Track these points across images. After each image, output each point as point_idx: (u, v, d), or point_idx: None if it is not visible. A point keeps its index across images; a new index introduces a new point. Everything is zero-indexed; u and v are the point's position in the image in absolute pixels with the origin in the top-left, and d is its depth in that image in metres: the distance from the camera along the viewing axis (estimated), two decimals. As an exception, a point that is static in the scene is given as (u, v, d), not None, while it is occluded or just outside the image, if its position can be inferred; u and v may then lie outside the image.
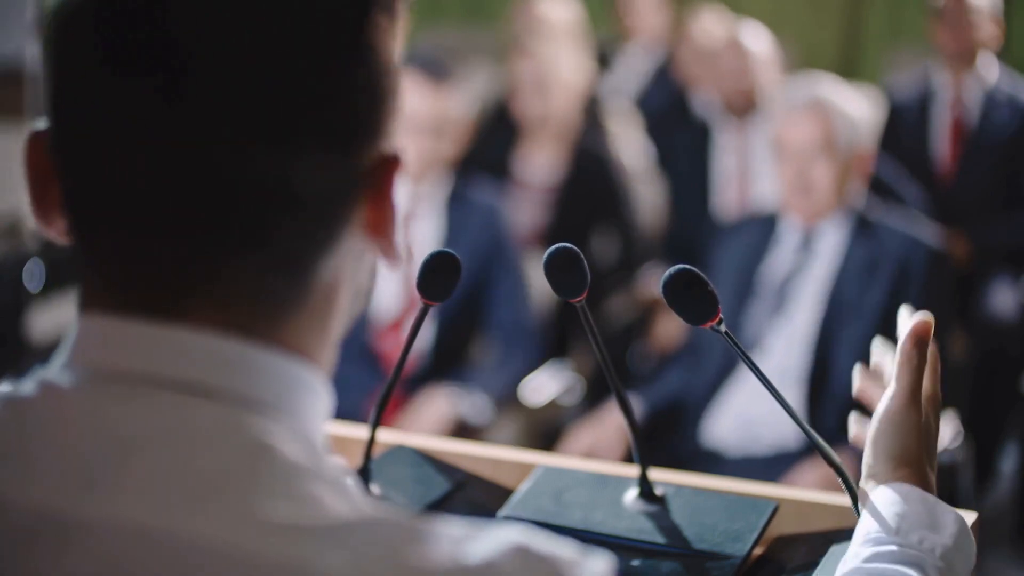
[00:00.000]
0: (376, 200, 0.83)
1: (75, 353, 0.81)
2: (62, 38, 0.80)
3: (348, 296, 0.86)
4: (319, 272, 0.82)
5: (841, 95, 3.16)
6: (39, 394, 0.80)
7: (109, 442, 0.76)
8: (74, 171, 0.81)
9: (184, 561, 0.73)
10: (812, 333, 3.07)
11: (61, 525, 0.75)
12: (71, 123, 0.81)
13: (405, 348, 1.34)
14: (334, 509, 0.75)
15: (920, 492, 1.15)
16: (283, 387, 0.81)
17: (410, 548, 0.74)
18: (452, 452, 1.52)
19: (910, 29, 6.25)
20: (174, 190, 0.78)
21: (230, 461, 0.76)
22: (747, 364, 1.24)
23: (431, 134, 3.26)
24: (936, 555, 1.11)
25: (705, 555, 1.29)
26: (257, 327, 0.80)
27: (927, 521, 1.13)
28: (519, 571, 0.74)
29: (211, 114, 0.77)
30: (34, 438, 0.78)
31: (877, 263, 3.05)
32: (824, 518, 1.35)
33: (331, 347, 0.86)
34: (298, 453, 0.78)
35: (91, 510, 0.75)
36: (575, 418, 3.63)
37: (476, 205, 3.38)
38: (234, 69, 0.77)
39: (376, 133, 0.83)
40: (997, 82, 4.28)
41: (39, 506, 0.76)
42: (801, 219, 3.13)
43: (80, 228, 0.82)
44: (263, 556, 0.72)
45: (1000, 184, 4.20)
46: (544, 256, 1.26)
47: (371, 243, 0.85)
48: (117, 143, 0.78)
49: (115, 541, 0.74)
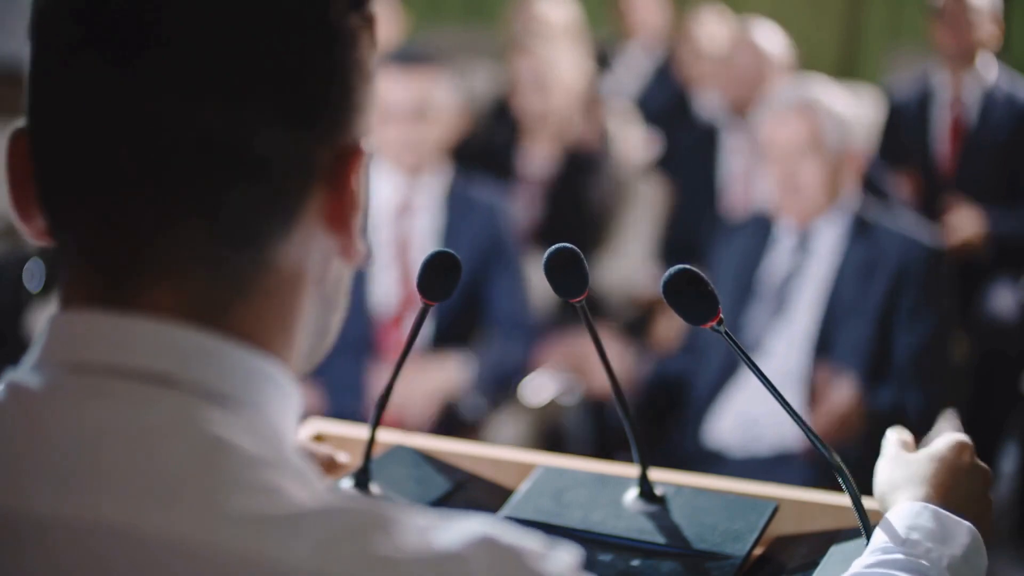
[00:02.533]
0: (336, 188, 0.84)
1: (44, 350, 0.82)
2: (38, 25, 0.83)
3: (315, 296, 0.86)
4: (275, 254, 0.82)
5: (829, 95, 3.16)
6: (5, 396, 0.80)
7: (73, 439, 0.77)
8: (45, 154, 0.82)
9: (150, 557, 0.73)
10: (812, 334, 3.07)
11: (22, 523, 0.75)
12: (41, 108, 0.82)
13: (405, 348, 1.34)
14: (297, 499, 0.75)
15: (933, 509, 1.18)
16: (242, 379, 0.81)
17: (375, 537, 0.73)
18: (452, 452, 1.52)
19: (910, 29, 6.25)
20: (124, 151, 0.79)
21: (189, 455, 0.76)
22: (747, 364, 1.24)
23: (412, 119, 3.26)
24: (943, 565, 1.13)
25: (705, 555, 1.29)
26: (214, 311, 0.81)
27: (938, 534, 1.15)
28: (485, 562, 0.74)
29: (166, 73, 0.78)
30: (2, 439, 0.79)
31: (875, 263, 3.05)
32: (824, 518, 1.35)
33: (299, 347, 0.86)
34: (257, 445, 0.78)
35: (53, 508, 0.75)
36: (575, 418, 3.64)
37: (477, 203, 3.38)
38: (196, 33, 0.78)
39: (339, 120, 0.84)
40: (996, 81, 4.28)
41: (14, 505, 0.76)
42: (794, 220, 3.13)
43: (53, 216, 0.83)
44: (228, 549, 0.72)
45: (999, 182, 4.20)
46: (544, 256, 1.26)
47: (330, 235, 0.85)
48: (80, 118, 0.80)
49: (76, 539, 0.74)
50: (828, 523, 1.34)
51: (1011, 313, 4.11)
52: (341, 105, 0.84)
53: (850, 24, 6.52)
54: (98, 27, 0.79)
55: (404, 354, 1.35)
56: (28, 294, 3.94)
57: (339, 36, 0.83)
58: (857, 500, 1.23)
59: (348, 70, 0.84)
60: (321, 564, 0.72)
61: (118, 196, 0.79)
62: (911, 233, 3.12)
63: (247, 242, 0.81)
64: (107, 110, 0.79)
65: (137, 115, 0.78)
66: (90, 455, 0.76)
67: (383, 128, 3.25)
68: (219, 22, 0.79)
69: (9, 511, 0.76)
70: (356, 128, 0.85)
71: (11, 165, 0.85)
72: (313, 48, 0.82)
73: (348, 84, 0.84)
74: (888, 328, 3.01)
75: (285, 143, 0.81)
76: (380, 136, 3.26)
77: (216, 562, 0.72)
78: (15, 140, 0.85)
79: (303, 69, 0.81)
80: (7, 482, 0.77)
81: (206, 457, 0.76)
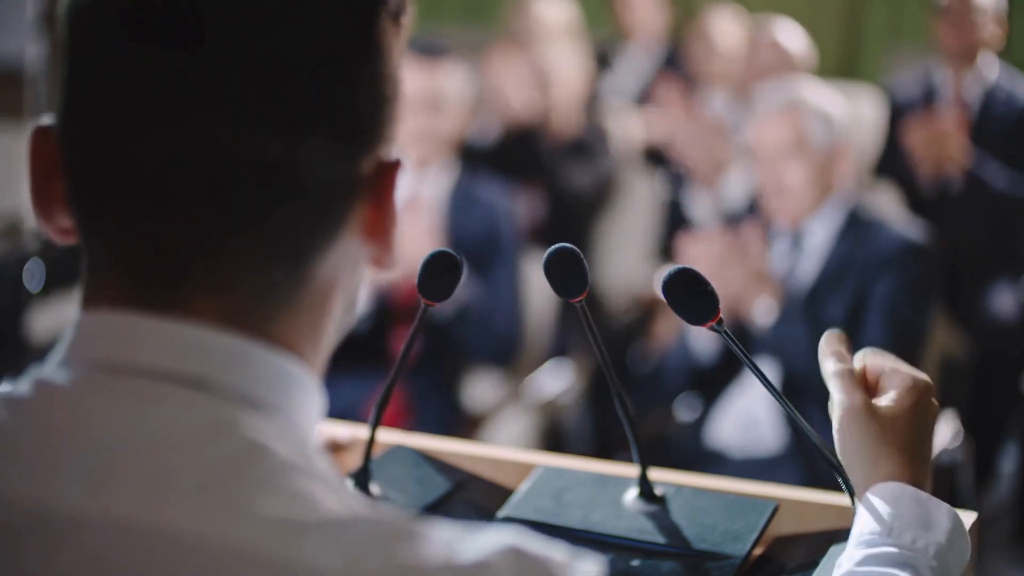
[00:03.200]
0: (376, 202, 0.84)
1: (73, 348, 0.81)
2: (81, 20, 0.81)
3: (341, 301, 0.87)
4: (316, 267, 0.83)
5: (815, 93, 3.17)
6: (34, 392, 0.80)
7: (103, 438, 0.77)
8: (83, 156, 0.81)
9: (176, 558, 0.73)
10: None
11: (54, 522, 0.75)
12: (84, 106, 0.81)
13: (405, 348, 1.34)
14: (327, 506, 0.75)
15: (913, 491, 1.15)
16: (278, 384, 0.81)
17: (403, 546, 0.74)
18: (452, 452, 1.52)
19: (910, 28, 6.25)
20: (179, 167, 0.78)
21: (224, 457, 0.76)
22: (747, 365, 1.24)
23: (427, 110, 3.27)
24: (930, 554, 1.11)
25: (705, 555, 1.29)
26: (253, 319, 0.81)
27: (921, 520, 1.13)
28: (512, 571, 0.74)
29: (222, 93, 0.78)
30: (28, 436, 0.79)
31: (856, 256, 3.05)
32: (824, 518, 1.34)
33: (323, 351, 0.87)
34: (290, 451, 0.78)
35: (85, 506, 0.75)
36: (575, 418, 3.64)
37: (480, 201, 3.38)
38: (247, 54, 0.78)
39: (379, 135, 0.84)
40: (997, 80, 4.28)
41: (34, 503, 0.76)
42: (784, 221, 3.14)
43: (84, 218, 0.82)
44: (255, 552, 0.72)
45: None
46: (544, 256, 1.26)
47: (368, 246, 0.85)
48: (129, 122, 0.79)
49: (108, 538, 0.74)
50: (828, 523, 1.33)
51: (1011, 313, 4.11)
52: (382, 119, 0.84)
53: (850, 24, 6.51)
54: (149, 32, 0.78)
55: (404, 354, 1.35)
56: (28, 294, 3.94)
57: (382, 51, 0.83)
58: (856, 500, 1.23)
59: (388, 83, 0.84)
60: (351, 572, 0.72)
61: (165, 210, 0.79)
62: (899, 228, 3.12)
63: (292, 257, 0.82)
64: (159, 124, 0.78)
65: (190, 133, 0.78)
66: (122, 455, 0.76)
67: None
68: (268, 37, 0.79)
69: (40, 508, 0.76)
70: (391, 140, 0.86)
71: (35, 162, 0.84)
72: (360, 65, 0.82)
73: (387, 97, 0.84)
74: (860, 317, 3.00)
75: (332, 161, 0.81)
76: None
77: (247, 565, 0.72)
78: (39, 137, 0.84)
79: (350, 87, 0.81)
80: (38, 479, 0.77)
81: (240, 461, 0.76)
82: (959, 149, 4.02)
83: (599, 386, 3.77)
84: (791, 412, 1.23)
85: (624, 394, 1.35)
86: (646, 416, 3.25)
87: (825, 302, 3.04)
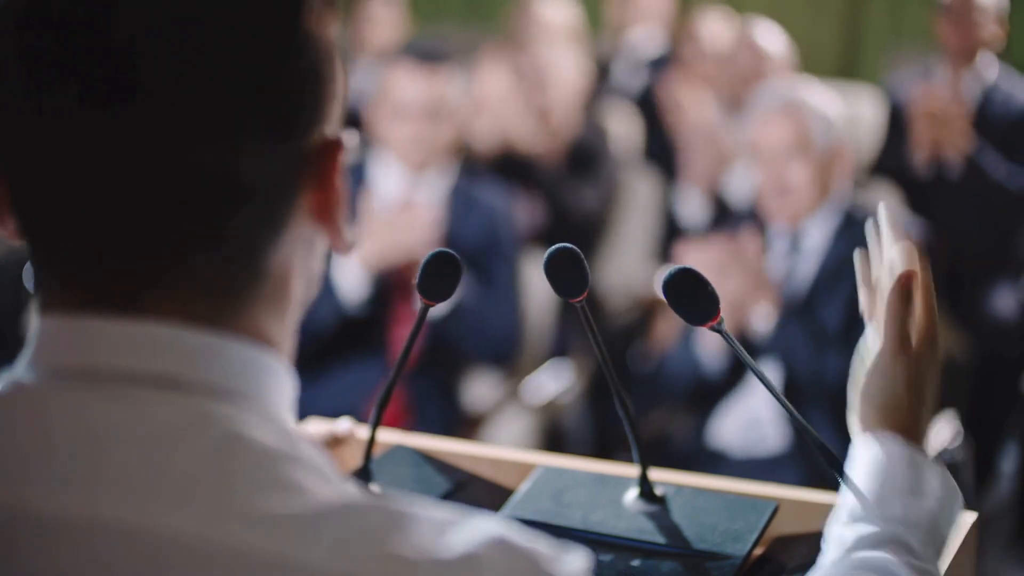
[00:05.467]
0: (320, 184, 0.84)
1: (39, 354, 0.81)
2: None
3: (301, 282, 0.87)
4: (271, 259, 0.83)
5: (815, 94, 3.17)
6: (7, 394, 0.80)
7: (83, 439, 0.77)
8: (20, 174, 0.81)
9: (166, 558, 0.73)
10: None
11: (38, 523, 0.75)
12: (12, 127, 0.80)
13: (406, 348, 1.34)
14: (315, 494, 0.75)
15: (906, 451, 1.16)
16: (249, 374, 0.81)
17: (392, 536, 0.74)
18: (452, 452, 1.52)
19: (911, 28, 6.24)
20: (125, 190, 0.78)
21: (205, 453, 0.76)
22: (748, 365, 1.24)
23: (428, 119, 3.26)
24: (922, 524, 1.12)
25: (705, 555, 1.29)
26: (217, 316, 0.81)
27: (911, 484, 1.14)
28: (500, 564, 0.74)
29: (157, 112, 0.77)
30: (7, 437, 0.78)
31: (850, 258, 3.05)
32: (824, 518, 1.34)
33: (289, 332, 0.87)
34: (272, 438, 0.78)
35: (71, 507, 0.75)
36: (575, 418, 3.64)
37: (479, 203, 3.38)
38: (176, 66, 0.77)
39: (317, 118, 0.83)
40: (996, 80, 4.28)
41: (16, 503, 0.76)
42: (784, 221, 3.13)
43: (30, 231, 0.82)
44: (248, 550, 0.72)
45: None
46: (544, 256, 1.26)
47: (318, 228, 0.85)
48: (63, 147, 0.78)
49: (96, 539, 0.74)
50: (828, 523, 1.33)
51: (1011, 314, 4.11)
52: (318, 103, 0.83)
53: (850, 24, 6.51)
54: (70, 68, 0.77)
55: (404, 355, 1.35)
56: (28, 294, 3.94)
57: (309, 37, 0.82)
58: (857, 500, 1.23)
59: (321, 65, 0.83)
60: (341, 565, 0.72)
61: (114, 230, 0.79)
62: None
63: (248, 254, 0.82)
64: (99, 143, 0.78)
65: (131, 150, 0.78)
66: (95, 456, 0.76)
67: (395, 124, 3.24)
68: (193, 52, 0.78)
69: (10, 509, 0.76)
70: (331, 119, 0.85)
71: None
72: (290, 58, 0.81)
73: (323, 79, 0.83)
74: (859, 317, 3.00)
75: (270, 156, 0.81)
76: (392, 132, 3.25)
77: (235, 564, 0.72)
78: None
79: (282, 84, 0.81)
80: (8, 481, 0.76)
81: (221, 453, 0.76)
82: (961, 131, 4.01)
83: (599, 386, 3.76)
84: (792, 412, 1.23)
85: (624, 394, 1.35)
86: (646, 416, 3.24)
87: (823, 303, 3.04)
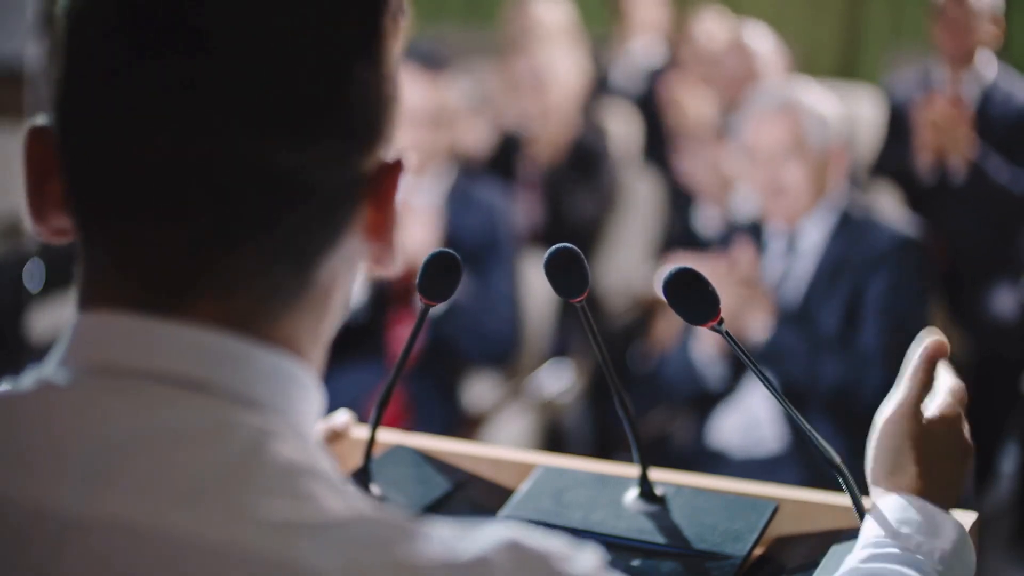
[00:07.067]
0: (379, 203, 0.85)
1: (72, 349, 0.81)
2: (79, 24, 0.80)
3: (341, 296, 0.87)
4: (320, 269, 0.83)
5: (810, 95, 3.17)
6: (35, 392, 0.80)
7: (105, 439, 0.77)
8: (83, 161, 0.81)
9: (180, 560, 0.73)
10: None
11: (58, 523, 0.75)
12: (84, 110, 0.80)
13: (406, 348, 1.34)
14: (329, 507, 0.75)
15: (920, 501, 1.17)
16: (279, 385, 0.81)
17: (403, 546, 0.74)
18: (452, 452, 1.52)
19: (910, 29, 6.24)
20: (185, 176, 0.78)
21: (226, 459, 0.76)
22: (748, 365, 1.24)
23: (429, 125, 3.26)
24: (935, 558, 1.13)
25: (705, 555, 1.29)
26: (255, 322, 0.81)
27: (927, 528, 1.15)
28: (511, 566, 0.74)
29: (229, 100, 0.78)
30: (30, 436, 0.79)
31: (850, 255, 3.05)
32: (824, 518, 1.34)
33: (322, 346, 0.87)
34: (293, 451, 0.78)
35: (88, 508, 0.75)
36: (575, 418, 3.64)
37: (478, 202, 3.38)
38: (253, 60, 0.78)
39: (380, 137, 0.84)
40: (995, 80, 4.28)
41: (35, 504, 0.76)
42: (780, 222, 3.14)
43: (84, 221, 0.82)
44: (261, 554, 0.73)
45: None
46: (544, 256, 1.26)
47: (370, 246, 0.86)
48: (132, 129, 0.79)
49: (111, 540, 0.74)
50: (828, 523, 1.33)
51: (1011, 314, 4.11)
52: (383, 120, 0.84)
53: (850, 24, 6.51)
54: (152, 38, 0.78)
55: (404, 355, 1.35)
56: (28, 294, 3.94)
57: (383, 52, 0.83)
58: (857, 500, 1.23)
59: (388, 83, 0.84)
60: (351, 572, 0.72)
61: (171, 216, 0.79)
62: (891, 223, 3.12)
63: (297, 261, 0.82)
64: (164, 131, 0.78)
65: (196, 141, 0.78)
66: (124, 456, 0.76)
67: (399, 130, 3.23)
68: (274, 43, 0.78)
69: (36, 508, 0.76)
70: (392, 140, 0.86)
71: (31, 163, 0.84)
72: (364, 68, 0.82)
73: (389, 97, 0.85)
74: (857, 316, 3.00)
75: (338, 166, 0.81)
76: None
77: (248, 566, 0.72)
78: (34, 138, 0.84)
79: (356, 90, 0.81)
80: (34, 479, 0.76)
81: (242, 462, 0.76)
82: (964, 136, 4.01)
83: (599, 386, 3.77)
84: (792, 413, 1.23)
85: (624, 394, 1.35)
86: (646, 416, 3.25)
87: (821, 304, 3.04)
